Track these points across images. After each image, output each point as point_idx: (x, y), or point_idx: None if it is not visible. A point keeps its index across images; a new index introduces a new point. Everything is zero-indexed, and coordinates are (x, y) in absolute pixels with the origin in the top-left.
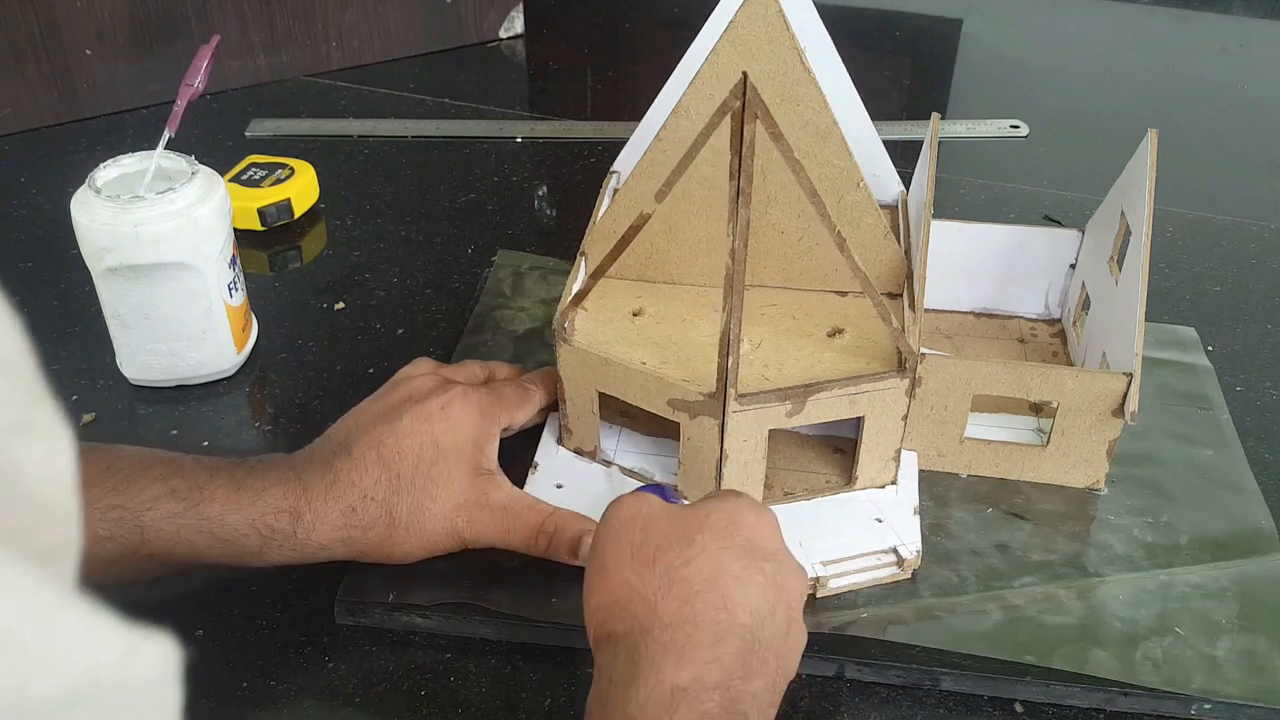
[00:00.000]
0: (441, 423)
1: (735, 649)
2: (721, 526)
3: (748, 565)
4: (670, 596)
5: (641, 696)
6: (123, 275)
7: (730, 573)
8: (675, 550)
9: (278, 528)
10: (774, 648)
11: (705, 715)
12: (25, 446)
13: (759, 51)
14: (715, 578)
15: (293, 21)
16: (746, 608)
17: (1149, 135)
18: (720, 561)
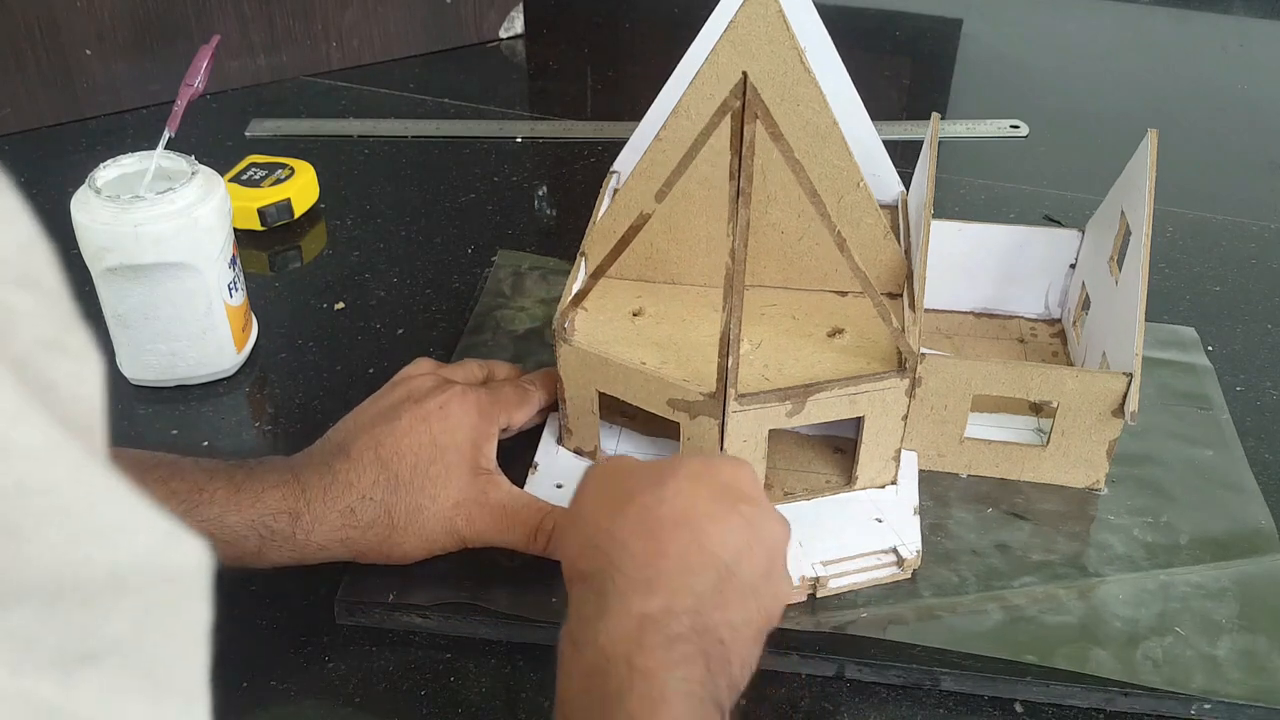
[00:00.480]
0: (440, 422)
1: (709, 582)
2: (697, 470)
3: (723, 505)
4: (641, 534)
5: (610, 628)
6: (123, 275)
7: (704, 511)
8: (648, 492)
9: (276, 529)
10: (752, 586)
11: (675, 638)
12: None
13: (759, 51)
14: (688, 515)
15: (293, 21)
16: (722, 543)
17: (1149, 135)
18: (694, 500)
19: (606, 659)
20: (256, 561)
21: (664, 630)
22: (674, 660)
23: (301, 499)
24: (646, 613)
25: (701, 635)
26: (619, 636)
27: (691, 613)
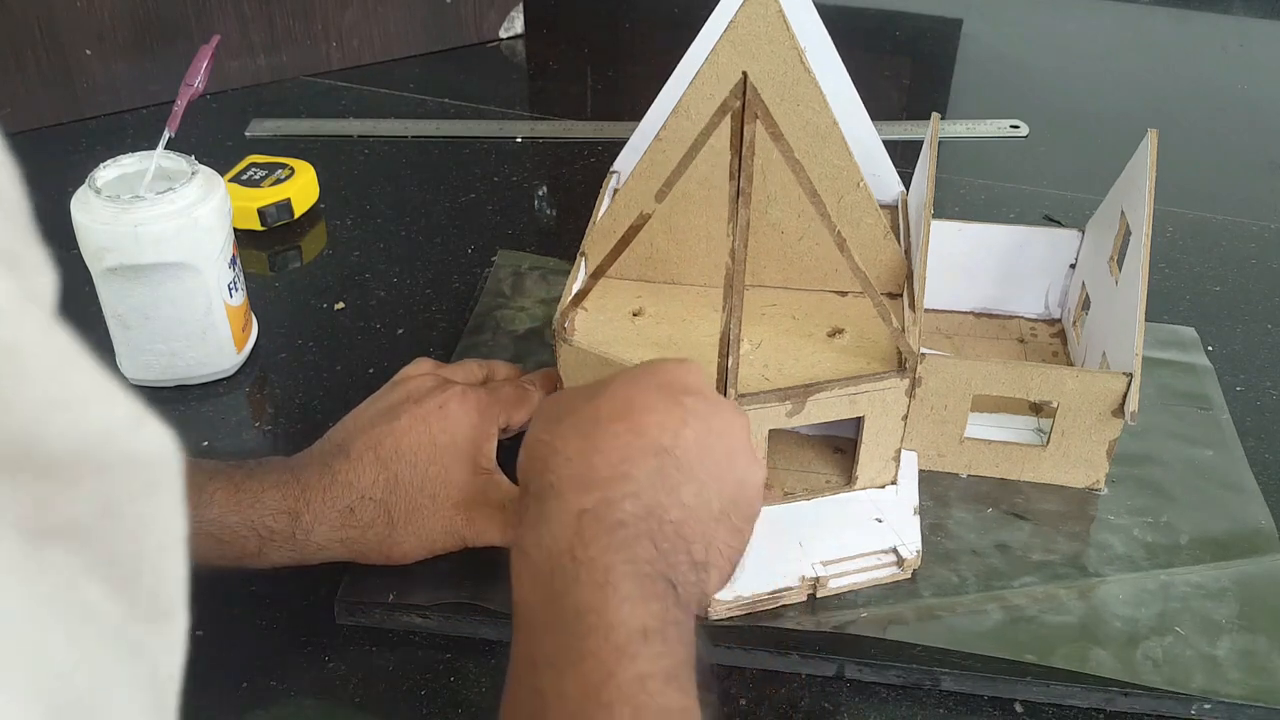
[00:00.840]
0: (439, 422)
1: (649, 467)
2: (635, 373)
3: (665, 397)
4: (576, 437)
5: (552, 529)
6: (123, 275)
7: (644, 406)
8: (585, 400)
9: (276, 529)
10: (708, 471)
11: (616, 525)
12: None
13: (759, 51)
14: (625, 412)
15: (293, 21)
16: (662, 428)
17: (1149, 135)
18: (632, 399)
19: (551, 557)
20: (257, 562)
21: (604, 520)
22: (616, 544)
23: (301, 499)
24: (585, 507)
25: (646, 518)
26: (560, 534)
27: (631, 497)
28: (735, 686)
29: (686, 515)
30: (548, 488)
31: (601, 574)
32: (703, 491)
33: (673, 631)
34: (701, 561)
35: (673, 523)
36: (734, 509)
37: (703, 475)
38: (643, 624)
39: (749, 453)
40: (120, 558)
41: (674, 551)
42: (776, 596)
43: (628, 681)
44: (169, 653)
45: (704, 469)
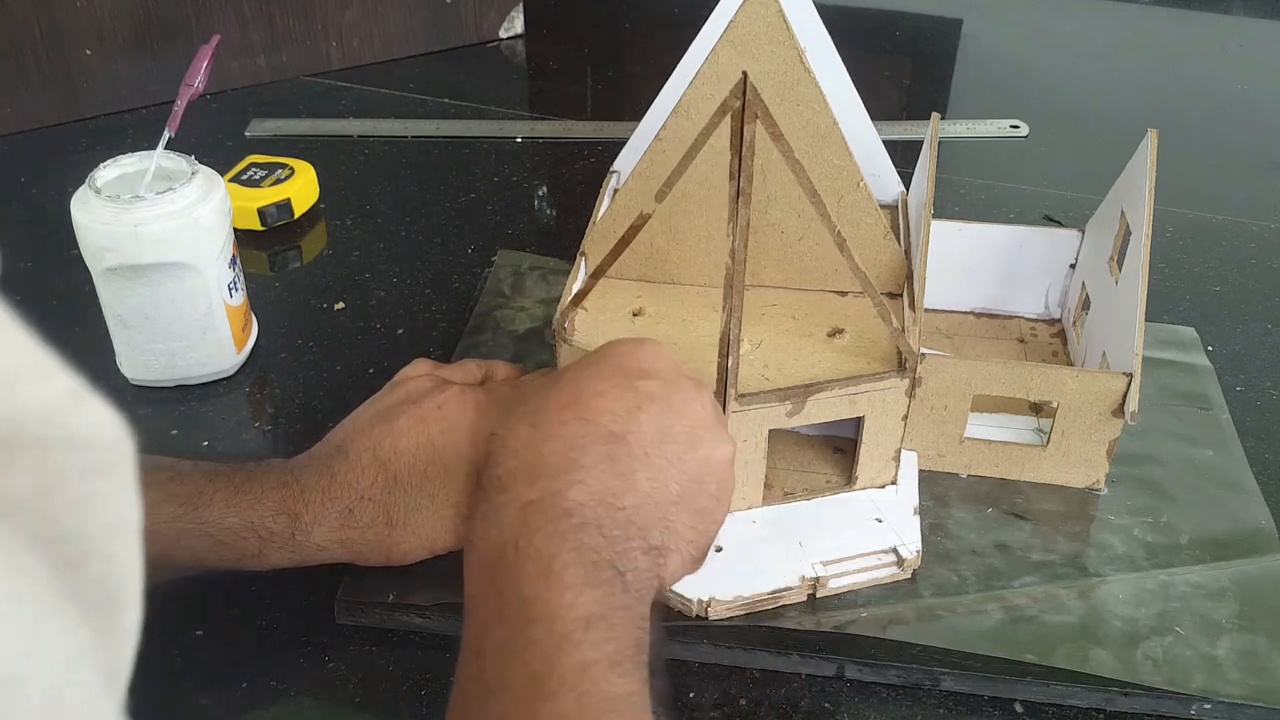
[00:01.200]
0: (438, 422)
1: (598, 455)
2: (590, 359)
3: (617, 382)
4: (525, 427)
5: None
6: (123, 275)
7: (594, 391)
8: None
9: (276, 530)
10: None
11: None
12: None
13: (759, 51)
14: (575, 400)
15: (293, 21)
16: (611, 415)
17: (1149, 135)
18: (582, 385)
19: (498, 550)
20: (257, 563)
21: (549, 510)
22: (561, 533)
23: (300, 500)
24: (530, 499)
25: (594, 505)
26: (506, 527)
27: (579, 485)
28: (735, 686)
29: (641, 501)
30: (495, 481)
31: (545, 563)
32: (659, 475)
33: (619, 617)
34: (658, 546)
35: (624, 509)
36: (697, 489)
37: (659, 459)
38: (586, 611)
39: (713, 429)
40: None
41: (625, 538)
42: (776, 596)
43: (570, 669)
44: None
45: (661, 452)
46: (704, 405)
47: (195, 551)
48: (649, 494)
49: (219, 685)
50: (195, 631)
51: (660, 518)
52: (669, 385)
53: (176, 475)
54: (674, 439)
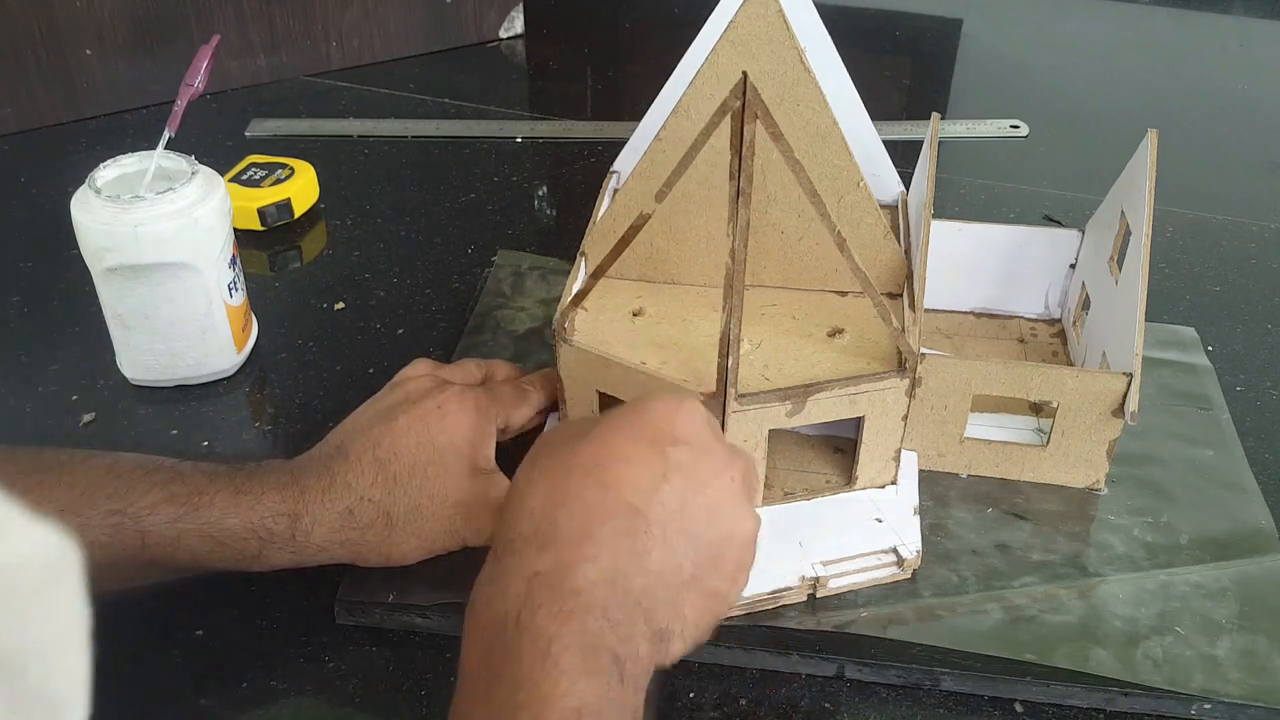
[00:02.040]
0: (437, 423)
1: (616, 529)
2: (623, 416)
3: (645, 448)
4: (545, 487)
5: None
6: (123, 275)
7: (620, 455)
8: (564, 445)
9: (276, 531)
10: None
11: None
12: None
13: (759, 51)
14: (600, 463)
15: (293, 21)
16: (634, 487)
17: (1149, 135)
18: (610, 446)
19: (499, 621)
20: (257, 564)
21: (557, 586)
22: (566, 612)
23: (300, 501)
24: (539, 570)
25: (603, 585)
26: (510, 596)
27: (590, 561)
28: (735, 686)
29: (651, 582)
30: (506, 544)
31: (544, 644)
32: (673, 555)
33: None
34: (662, 630)
35: (633, 591)
36: (712, 570)
37: (676, 538)
38: (579, 702)
39: (739, 504)
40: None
41: (629, 623)
42: (776, 596)
43: None
44: None
45: (679, 530)
46: (734, 477)
47: (195, 552)
48: (660, 575)
49: (219, 685)
50: (195, 631)
51: (669, 600)
52: (699, 453)
53: (176, 476)
54: (695, 515)
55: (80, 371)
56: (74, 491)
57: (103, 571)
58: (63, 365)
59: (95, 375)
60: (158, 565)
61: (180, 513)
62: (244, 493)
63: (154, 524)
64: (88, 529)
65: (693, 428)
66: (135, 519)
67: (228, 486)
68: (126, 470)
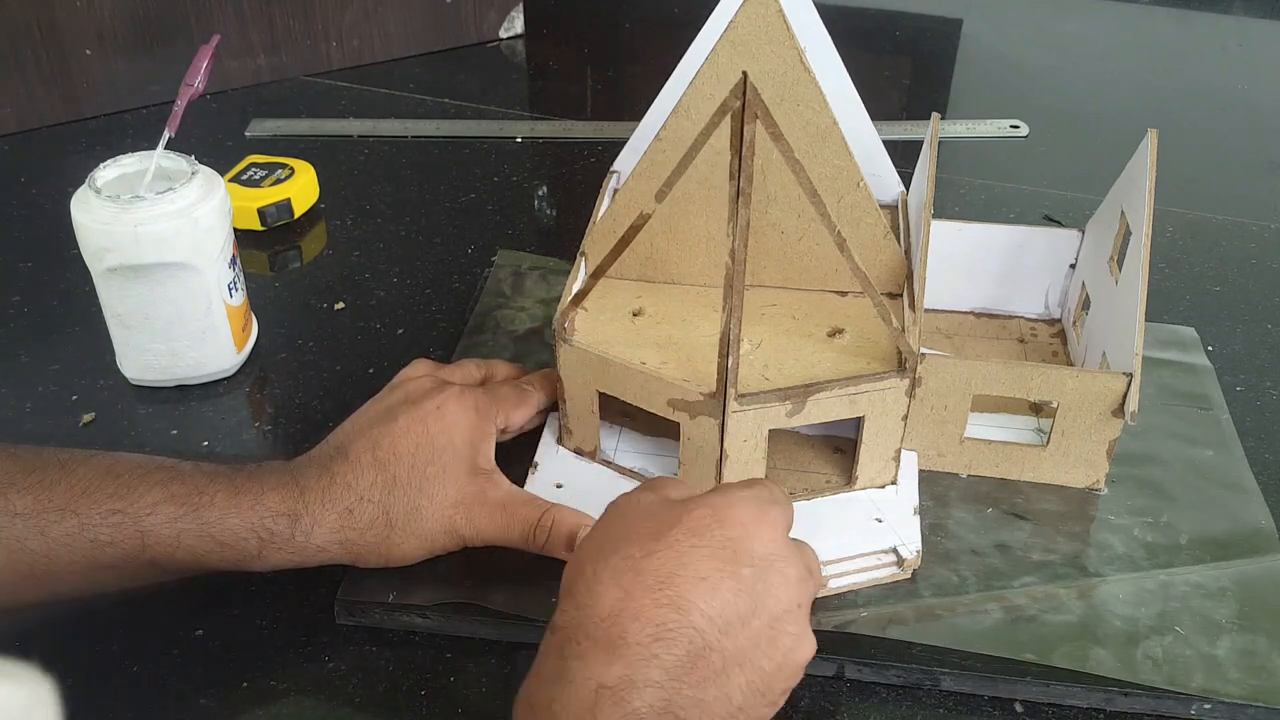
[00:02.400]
0: (437, 423)
1: (681, 652)
2: (703, 522)
3: (720, 567)
4: (615, 588)
5: (565, 696)
6: (123, 275)
7: (696, 573)
8: (639, 543)
9: (276, 530)
10: (741, 660)
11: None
12: None
13: (759, 51)
14: (674, 575)
15: (293, 21)
16: (704, 612)
17: (1149, 135)
18: (686, 559)
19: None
20: (257, 564)
21: (622, 704)
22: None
23: (300, 501)
24: (605, 683)
25: (660, 713)
26: (574, 705)
27: (655, 687)
28: None
29: (700, 714)
30: (572, 644)
31: None
32: (726, 686)
33: None
34: None
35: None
36: (758, 699)
37: (734, 669)
38: None
39: (801, 632)
40: None
41: None
42: None
43: None
44: None
45: (738, 660)
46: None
47: (195, 552)
48: (709, 706)
49: (219, 685)
50: (195, 631)
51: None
52: (773, 576)
53: (176, 475)
54: (756, 643)
55: (80, 371)
56: (74, 491)
57: (103, 572)
58: (63, 365)
59: (95, 375)
60: (158, 565)
61: (180, 512)
62: (244, 492)
63: (154, 524)
64: (88, 528)
65: (772, 544)
66: (135, 519)
67: (227, 486)
68: (126, 470)
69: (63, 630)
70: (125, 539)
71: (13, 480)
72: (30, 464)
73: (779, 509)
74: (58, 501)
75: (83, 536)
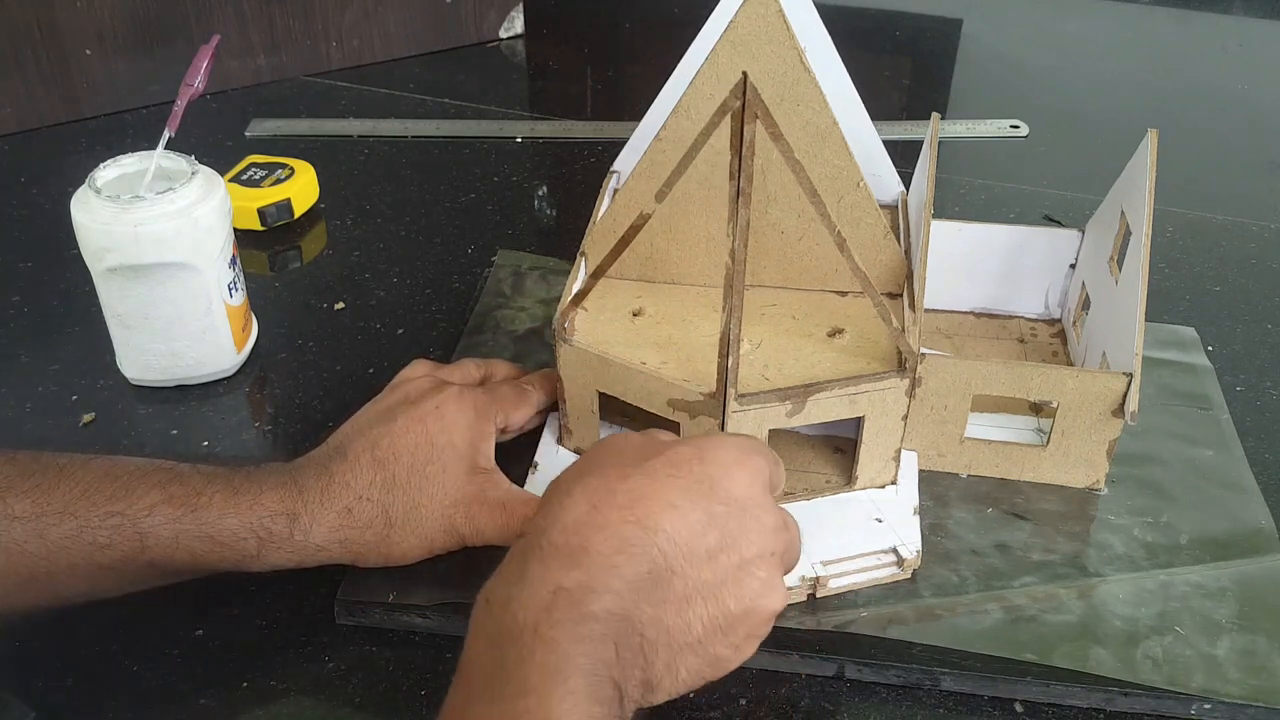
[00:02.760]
0: (436, 422)
1: (643, 569)
2: (684, 456)
3: (693, 499)
4: (585, 502)
5: (524, 594)
6: (123, 275)
7: (666, 499)
8: (618, 468)
9: (275, 530)
10: (705, 592)
11: (587, 615)
12: None
13: (759, 51)
14: (645, 498)
15: (293, 21)
16: (670, 536)
17: (1149, 135)
18: (660, 485)
19: (515, 623)
20: (256, 564)
21: (578, 606)
22: (581, 635)
23: (299, 500)
24: (563, 585)
25: (618, 621)
26: (530, 604)
27: (613, 594)
28: (735, 686)
29: (659, 634)
30: (537, 548)
31: (557, 659)
32: (686, 616)
33: None
34: (652, 681)
35: (642, 637)
36: (721, 637)
37: (696, 600)
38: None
39: (771, 581)
40: None
41: (631, 664)
42: None
43: None
44: None
45: (701, 593)
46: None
47: (194, 552)
48: (669, 630)
49: (219, 685)
50: (195, 631)
51: (668, 656)
52: (748, 519)
53: (175, 476)
54: (722, 582)
55: (80, 371)
56: (73, 494)
57: (102, 574)
58: (63, 365)
59: (95, 375)
60: (157, 567)
61: (179, 513)
62: (242, 492)
63: (153, 524)
64: (87, 531)
65: (750, 489)
66: (134, 520)
67: (225, 487)
68: (125, 472)
69: (63, 630)
70: (124, 541)
71: (11, 484)
72: (28, 468)
73: (762, 459)
74: (56, 504)
75: (82, 539)
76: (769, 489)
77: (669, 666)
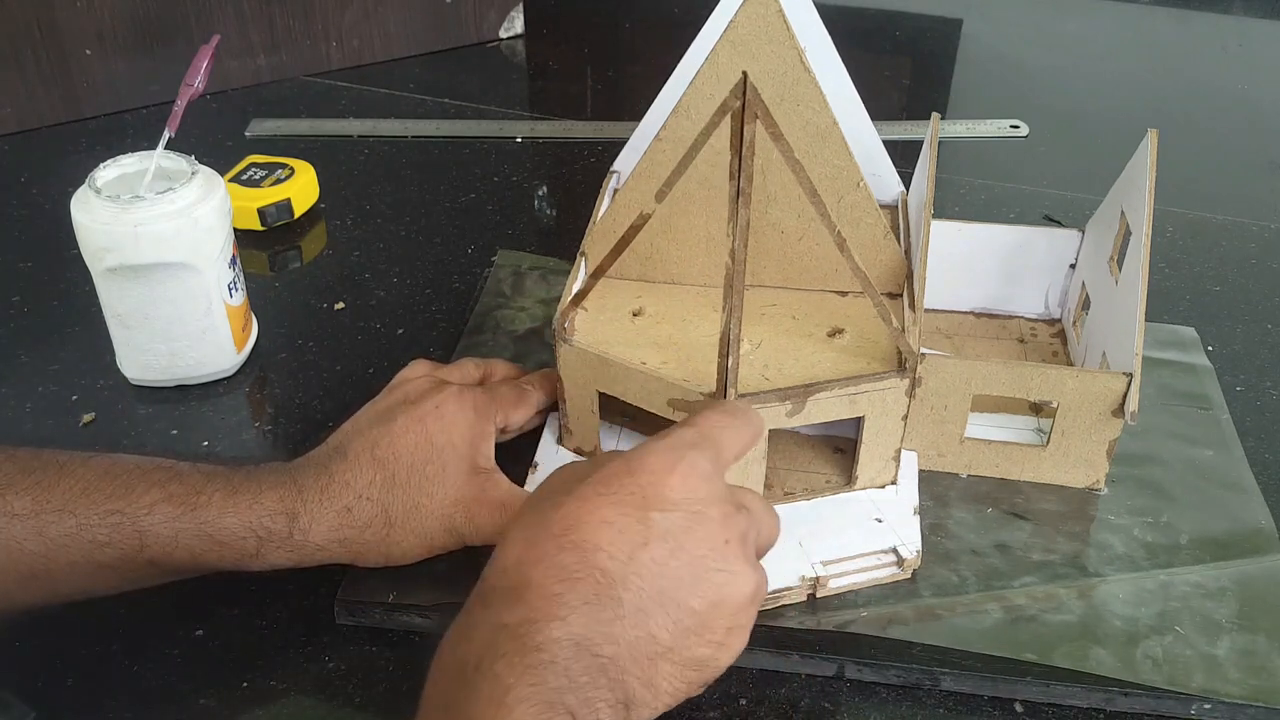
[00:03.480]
0: (435, 422)
1: (588, 593)
2: (613, 473)
3: (626, 512)
4: (523, 541)
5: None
6: (123, 275)
7: (600, 518)
8: (551, 498)
9: (274, 529)
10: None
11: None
12: None
13: (759, 51)
14: (580, 523)
15: (293, 21)
16: (610, 555)
17: (1149, 135)
18: (591, 506)
19: (461, 664)
20: (256, 564)
21: (521, 639)
22: (525, 665)
23: (298, 499)
24: (506, 622)
25: (570, 646)
26: (476, 643)
27: (559, 622)
28: (735, 686)
29: (620, 651)
30: (481, 595)
31: (501, 692)
32: (646, 625)
33: None
34: (628, 699)
35: (600, 657)
36: (694, 639)
37: (652, 608)
38: None
39: (732, 568)
40: None
41: (591, 686)
42: (776, 596)
43: None
44: None
45: (656, 601)
46: (729, 540)
47: (194, 551)
48: (631, 644)
49: (219, 685)
50: (195, 631)
51: (639, 671)
52: (689, 517)
53: (174, 475)
54: (677, 584)
55: (80, 371)
56: (72, 492)
57: (102, 573)
58: (63, 365)
59: (95, 375)
60: (156, 565)
61: (178, 512)
62: (241, 492)
63: (152, 523)
64: (86, 529)
65: (686, 488)
66: (133, 519)
67: (225, 486)
68: (124, 471)
69: (63, 630)
70: (123, 539)
71: (11, 481)
72: (28, 465)
73: (696, 452)
74: (56, 502)
75: (81, 537)
76: (711, 477)
77: (645, 681)
